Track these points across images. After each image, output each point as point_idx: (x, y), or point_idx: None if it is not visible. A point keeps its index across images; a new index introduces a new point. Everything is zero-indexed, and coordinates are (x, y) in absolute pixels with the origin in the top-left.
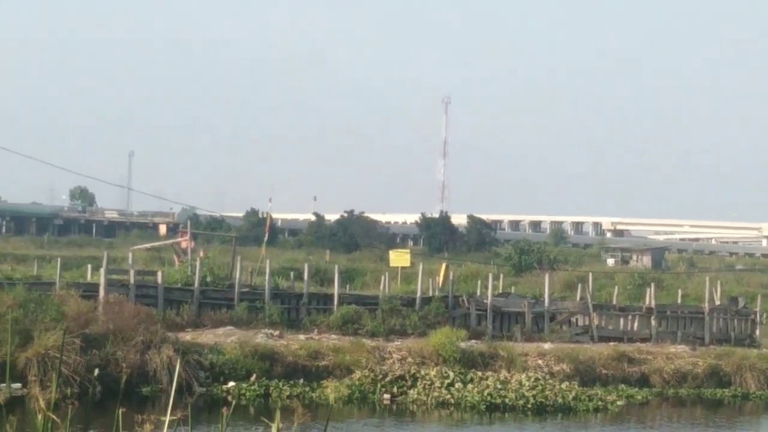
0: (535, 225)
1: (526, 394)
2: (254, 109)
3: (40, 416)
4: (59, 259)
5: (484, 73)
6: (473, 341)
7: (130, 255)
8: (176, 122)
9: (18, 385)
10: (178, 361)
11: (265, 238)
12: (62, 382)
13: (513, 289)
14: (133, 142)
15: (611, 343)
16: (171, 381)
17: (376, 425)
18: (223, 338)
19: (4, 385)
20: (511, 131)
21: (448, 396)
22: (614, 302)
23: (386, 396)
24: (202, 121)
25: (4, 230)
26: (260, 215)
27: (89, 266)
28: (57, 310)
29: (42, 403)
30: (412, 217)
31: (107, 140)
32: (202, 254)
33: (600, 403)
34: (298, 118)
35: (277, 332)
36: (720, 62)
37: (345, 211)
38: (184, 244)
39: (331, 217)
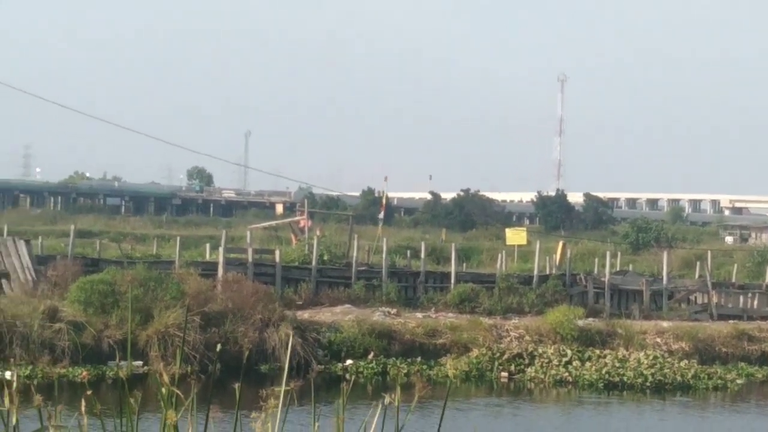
0: (652, 203)
1: (645, 372)
2: (371, 88)
3: (164, 390)
4: (178, 239)
5: (601, 49)
6: (591, 319)
7: (248, 234)
8: (292, 101)
9: (139, 362)
10: (294, 338)
11: (381, 217)
12: (183, 359)
13: (630, 267)
14: (250, 122)
15: (731, 322)
16: (290, 359)
17: (495, 403)
18: (341, 316)
19: (125, 362)
20: (628, 108)
21: (566, 374)
22: (733, 280)
23: (504, 374)
24: (317, 99)
25: (123, 210)
26: (376, 194)
27: (207, 245)
28: (177, 289)
29: (166, 378)
30: (528, 196)
31: (225, 120)
32: (319, 233)
33: (719, 381)
34: (415, 97)
35: (394, 310)
36: None
37: (461, 190)
38: (301, 223)
39: (447, 195)
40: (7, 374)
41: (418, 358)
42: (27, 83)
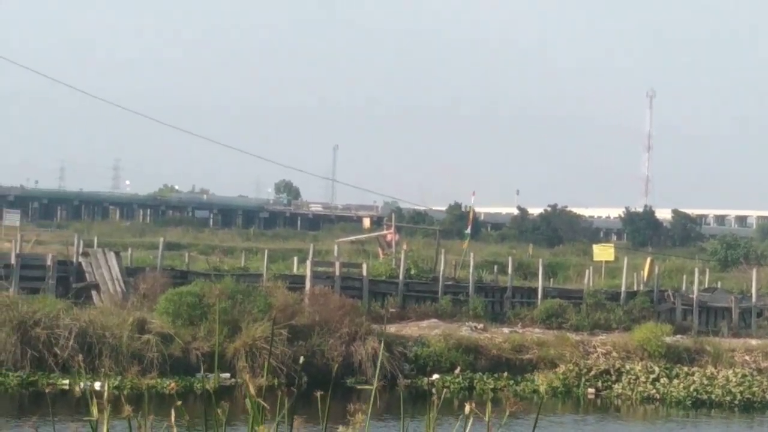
0: (741, 219)
1: (733, 390)
2: (458, 101)
3: (250, 401)
4: (266, 252)
5: (690, 62)
6: (678, 336)
7: (335, 247)
8: (379, 115)
9: (226, 375)
10: (381, 352)
11: (468, 232)
12: (269, 372)
13: (719, 285)
14: (338, 136)
15: None
16: (375, 373)
17: (582, 420)
18: (427, 331)
19: (213, 374)
20: (717, 124)
21: (654, 391)
22: None
23: (591, 390)
24: (405, 114)
25: (211, 222)
26: (463, 209)
27: (295, 259)
28: (264, 302)
29: (252, 390)
30: (616, 212)
31: (312, 134)
32: (405, 247)
33: None
34: (502, 111)
35: (480, 325)
36: None
37: (548, 205)
38: (388, 237)
39: (534, 210)
40: (97, 385)
41: (505, 374)
42: (117, 97)
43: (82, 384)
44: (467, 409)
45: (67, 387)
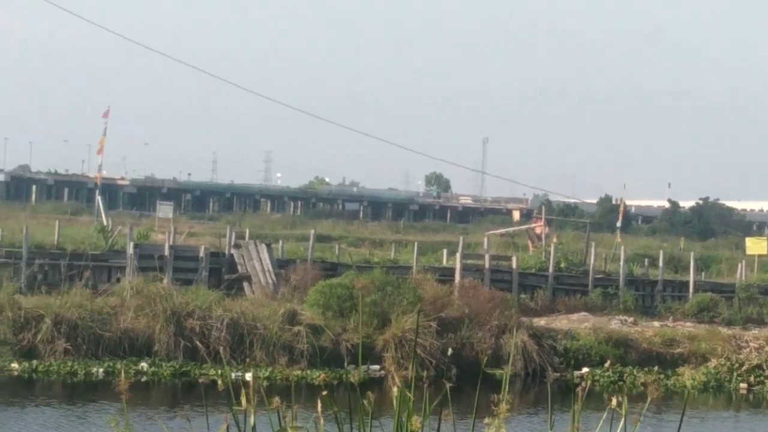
0: None
1: None
2: (607, 92)
3: (395, 391)
4: (416, 244)
5: None
6: None
7: (485, 240)
8: (529, 108)
9: (376, 366)
10: (530, 345)
11: (619, 225)
12: (418, 364)
13: None
14: (488, 127)
15: None
16: (526, 365)
17: (733, 416)
18: (577, 324)
19: (364, 366)
20: None
21: None
22: None
23: (743, 385)
24: (554, 107)
25: (362, 215)
26: (614, 201)
27: (444, 251)
28: (414, 294)
29: (398, 381)
30: None
31: (462, 126)
32: (555, 240)
33: None
34: (655, 102)
35: (631, 319)
36: None
37: (700, 198)
38: (538, 230)
39: (686, 203)
40: (248, 376)
41: (655, 368)
42: (268, 89)
43: (233, 374)
44: (614, 402)
45: (218, 377)
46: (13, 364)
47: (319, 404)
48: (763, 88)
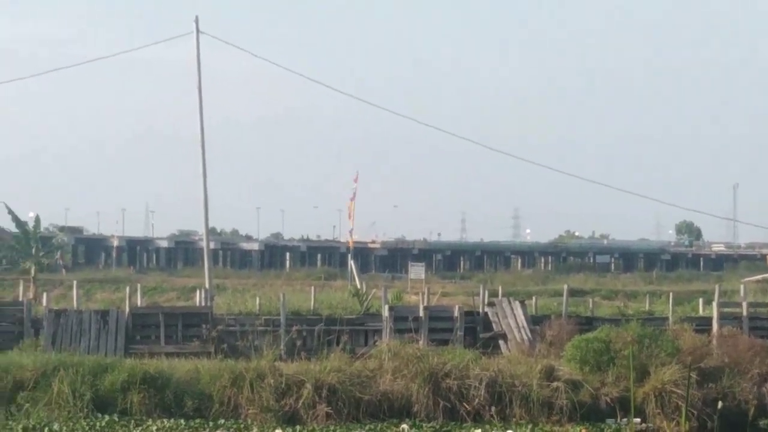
0: None
1: None
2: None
3: None
4: (670, 294)
5: None
6: None
7: (742, 287)
8: None
9: (637, 420)
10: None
11: None
12: (678, 415)
13: None
14: (737, 173)
15: None
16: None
17: None
18: None
19: (625, 420)
20: None
21: None
22: None
23: None
24: None
25: (613, 267)
26: None
27: (700, 300)
28: (672, 345)
29: None
30: None
31: (711, 173)
32: None
33: None
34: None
35: None
36: None
37: None
38: None
39: None
40: None
41: None
42: (512, 146)
43: None
44: None
45: None
46: (277, 430)
47: None
48: None
